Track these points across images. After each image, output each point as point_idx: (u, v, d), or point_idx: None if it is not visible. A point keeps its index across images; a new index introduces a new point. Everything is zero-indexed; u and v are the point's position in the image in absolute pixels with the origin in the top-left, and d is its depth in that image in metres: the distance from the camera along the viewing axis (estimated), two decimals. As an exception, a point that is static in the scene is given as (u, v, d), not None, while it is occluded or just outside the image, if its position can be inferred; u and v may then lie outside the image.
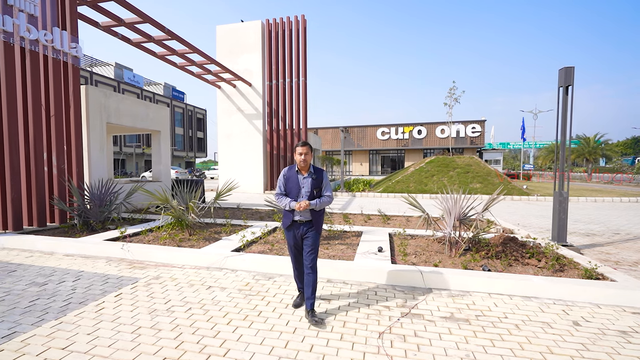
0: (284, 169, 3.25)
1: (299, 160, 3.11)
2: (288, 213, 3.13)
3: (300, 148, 3.12)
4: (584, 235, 7.17)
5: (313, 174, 3.14)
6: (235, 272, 4.41)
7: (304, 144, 3.12)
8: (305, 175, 3.15)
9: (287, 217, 3.17)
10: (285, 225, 3.20)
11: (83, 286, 3.87)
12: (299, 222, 3.13)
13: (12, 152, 6.22)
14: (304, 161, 3.10)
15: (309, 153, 3.14)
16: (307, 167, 3.17)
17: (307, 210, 3.09)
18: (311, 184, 3.10)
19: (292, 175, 3.16)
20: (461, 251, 4.78)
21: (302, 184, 3.12)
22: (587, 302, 3.51)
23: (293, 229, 3.16)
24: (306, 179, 3.13)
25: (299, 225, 3.13)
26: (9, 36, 6.12)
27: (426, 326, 2.97)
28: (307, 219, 3.12)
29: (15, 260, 4.89)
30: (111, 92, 8.90)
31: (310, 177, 3.12)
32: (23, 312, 3.19)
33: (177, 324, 2.96)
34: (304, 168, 3.16)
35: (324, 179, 3.18)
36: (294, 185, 3.12)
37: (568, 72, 5.62)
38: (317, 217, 3.13)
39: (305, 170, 3.17)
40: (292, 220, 3.12)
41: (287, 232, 3.20)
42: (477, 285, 3.79)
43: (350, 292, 3.75)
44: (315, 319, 2.95)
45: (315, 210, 3.12)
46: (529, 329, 2.94)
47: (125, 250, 5.00)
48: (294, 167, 3.21)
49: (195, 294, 3.65)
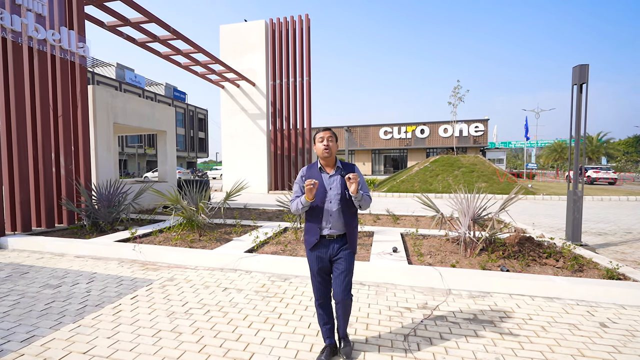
0: (302, 169, 2.50)
1: (321, 149, 2.37)
2: (312, 227, 2.40)
3: (322, 132, 2.39)
4: (596, 235, 7.10)
5: (342, 171, 2.40)
6: (249, 273, 4.36)
7: (326, 129, 2.42)
8: (332, 172, 2.40)
9: (310, 233, 2.40)
10: (309, 244, 2.41)
11: (97, 288, 3.82)
12: (329, 237, 2.38)
13: (21, 153, 6.18)
14: (328, 150, 2.36)
15: (333, 140, 2.41)
16: (333, 161, 2.43)
17: (339, 221, 2.36)
18: (341, 183, 2.36)
19: (313, 174, 2.42)
20: (477, 251, 4.73)
21: (329, 185, 2.37)
22: (611, 302, 3.45)
23: (320, 249, 2.39)
24: (334, 177, 2.39)
25: (328, 243, 2.38)
26: (17, 36, 6.08)
27: (451, 328, 2.91)
28: (339, 233, 2.38)
29: (26, 262, 4.84)
30: (117, 92, 8.86)
31: (339, 174, 2.39)
32: (40, 315, 3.14)
33: (198, 327, 2.91)
34: (328, 163, 2.42)
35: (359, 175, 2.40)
36: (318, 187, 2.35)
37: (583, 70, 5.55)
38: (351, 230, 2.41)
39: (330, 166, 2.43)
40: (319, 237, 2.38)
41: (311, 253, 2.42)
42: (497, 285, 3.73)
43: (369, 293, 3.70)
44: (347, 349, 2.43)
45: (351, 220, 2.42)
46: (556, 330, 2.88)
47: (137, 251, 4.95)
48: (315, 164, 2.47)
49: (212, 296, 3.60)
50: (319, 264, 2.40)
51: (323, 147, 2.37)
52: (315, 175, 2.41)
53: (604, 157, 36.55)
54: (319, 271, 2.42)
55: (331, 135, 2.41)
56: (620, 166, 33.37)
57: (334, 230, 2.37)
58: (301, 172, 2.49)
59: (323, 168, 2.43)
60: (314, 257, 2.41)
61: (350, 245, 2.40)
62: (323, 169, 2.43)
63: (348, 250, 2.39)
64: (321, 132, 2.41)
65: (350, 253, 2.40)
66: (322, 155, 2.39)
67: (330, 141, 2.38)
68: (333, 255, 2.38)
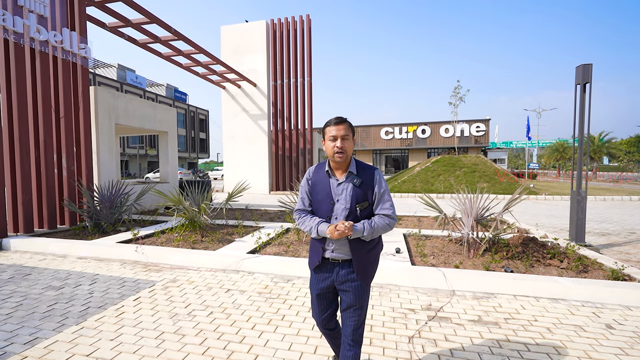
0: (309, 169, 1.99)
1: (333, 151, 1.80)
2: (315, 245, 1.91)
3: (335, 128, 1.80)
4: (599, 235, 7.07)
5: (356, 178, 1.83)
6: (252, 274, 4.34)
7: (340, 120, 1.82)
8: (342, 179, 1.85)
9: (314, 251, 1.93)
10: (311, 264, 1.95)
11: (100, 290, 3.81)
12: (332, 261, 1.88)
13: (23, 154, 6.18)
14: (341, 152, 1.79)
15: (349, 138, 1.82)
16: (347, 163, 1.86)
17: (344, 244, 1.83)
18: (352, 194, 1.81)
19: (321, 178, 1.90)
20: (481, 252, 4.70)
21: (337, 195, 1.83)
22: (617, 304, 3.42)
23: (322, 272, 1.91)
24: (343, 185, 1.83)
25: (332, 267, 1.88)
26: (19, 37, 6.08)
27: (456, 330, 2.90)
28: (345, 258, 1.84)
29: (29, 264, 4.84)
30: (119, 93, 8.86)
31: (351, 182, 1.82)
32: (42, 317, 3.13)
33: (201, 329, 2.89)
34: (340, 166, 1.86)
35: (377, 183, 1.84)
36: (324, 196, 1.86)
37: (586, 70, 5.52)
38: (362, 255, 1.83)
39: (342, 169, 1.87)
40: (320, 259, 1.89)
41: (313, 274, 1.97)
42: (501, 286, 3.71)
43: (372, 294, 3.68)
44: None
45: (360, 245, 1.82)
46: (561, 332, 2.86)
47: (139, 252, 4.94)
48: (323, 165, 1.93)
49: (215, 298, 3.58)
50: (317, 288, 1.94)
51: (336, 149, 1.79)
52: (323, 180, 1.89)
53: (605, 157, 36.44)
54: (317, 296, 1.95)
55: (347, 131, 1.81)
56: (623, 166, 33.27)
57: (338, 254, 1.84)
58: (307, 173, 2.01)
59: (332, 171, 1.89)
60: (314, 278, 1.96)
61: (361, 274, 1.83)
62: (332, 173, 1.89)
63: (356, 282, 1.83)
64: (333, 127, 1.81)
65: (360, 285, 1.84)
66: (334, 159, 1.82)
67: (345, 140, 1.80)
68: (338, 282, 1.87)
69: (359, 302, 1.85)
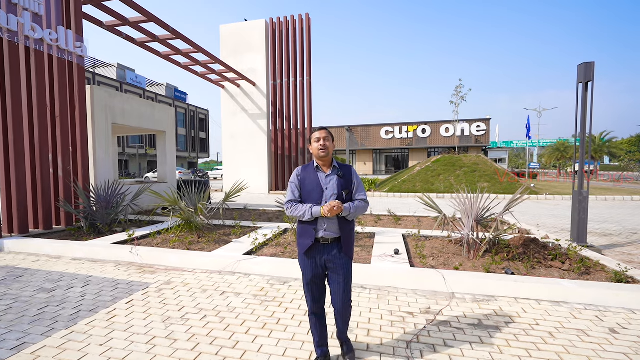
0: (297, 169, 2.44)
1: (317, 148, 2.32)
2: (307, 229, 2.29)
3: (318, 132, 2.35)
4: (601, 235, 6.99)
5: (339, 171, 2.36)
6: (248, 276, 4.27)
7: (321, 128, 2.39)
8: (329, 172, 2.35)
9: (305, 236, 2.30)
10: (303, 247, 2.31)
11: (92, 292, 3.74)
12: (323, 241, 2.28)
13: (18, 154, 6.11)
14: (324, 149, 2.31)
15: (330, 140, 2.35)
16: (330, 160, 2.38)
17: (334, 223, 2.27)
18: (338, 183, 2.31)
19: (309, 174, 2.36)
20: (481, 253, 4.62)
21: (326, 184, 2.31)
22: (620, 307, 3.34)
23: (314, 253, 2.29)
24: (330, 177, 2.33)
25: (322, 248, 2.29)
26: (14, 35, 6.01)
27: (455, 334, 2.82)
28: (334, 236, 2.28)
29: (22, 265, 4.77)
30: (116, 92, 8.78)
31: (336, 174, 2.34)
32: (32, 320, 3.06)
33: (193, 333, 2.82)
34: (325, 163, 2.37)
35: (355, 176, 2.39)
36: (314, 186, 2.31)
37: (588, 68, 5.44)
38: (347, 233, 2.32)
39: (327, 165, 2.37)
40: (313, 240, 2.27)
41: (305, 259, 2.31)
42: (502, 289, 3.63)
43: (370, 297, 3.61)
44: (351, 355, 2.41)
45: (346, 224, 2.31)
46: (564, 337, 2.78)
47: (134, 253, 4.87)
48: (310, 164, 2.42)
49: (209, 300, 3.51)
50: (313, 271, 2.31)
51: (319, 146, 2.32)
52: (311, 174, 2.36)
53: (606, 156, 36.34)
54: (313, 278, 2.32)
55: (327, 134, 2.36)
56: (624, 165, 33.16)
57: (329, 233, 2.28)
58: (296, 171, 2.43)
59: (320, 167, 2.39)
60: (307, 262, 2.31)
61: (346, 251, 2.32)
62: (320, 168, 2.39)
63: (344, 258, 2.32)
64: (317, 132, 2.37)
65: (347, 261, 2.33)
66: (319, 155, 2.34)
67: (326, 140, 2.33)
68: (328, 261, 2.30)
69: (347, 275, 2.33)
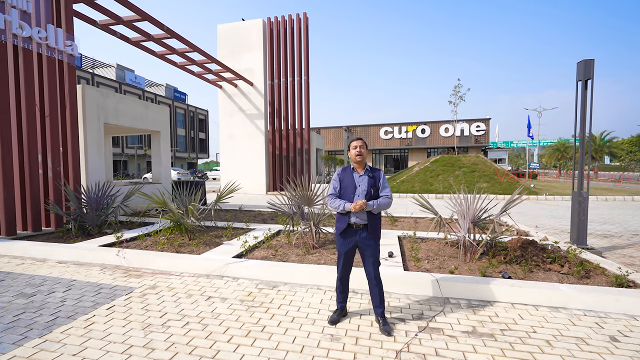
0: (338, 169, 3.10)
1: (354, 154, 2.95)
2: (342, 216, 2.96)
3: (356, 141, 3.00)
4: (601, 237, 6.84)
5: (370, 172, 2.98)
6: (236, 280, 4.13)
7: (359, 138, 3.02)
8: (362, 173, 2.99)
9: (341, 221, 3.00)
10: (339, 230, 3.00)
11: (73, 297, 3.61)
12: (355, 226, 2.92)
13: (5, 154, 5.97)
14: (360, 155, 2.93)
15: (364, 147, 2.99)
16: (364, 163, 3.02)
17: (363, 212, 2.89)
18: (368, 182, 2.93)
19: (347, 174, 3.03)
20: (477, 256, 4.49)
21: (358, 183, 2.96)
22: (622, 313, 3.20)
23: (348, 235, 2.96)
24: (362, 177, 2.97)
25: (355, 231, 2.93)
26: (1, 33, 5.88)
27: (447, 343, 2.68)
28: (363, 222, 2.91)
29: (4, 269, 4.63)
30: (109, 92, 8.65)
31: (367, 175, 2.97)
32: (5, 328, 2.92)
33: (172, 342, 2.68)
34: (360, 165, 3.00)
35: (381, 177, 3.01)
36: (349, 184, 2.97)
37: (587, 65, 5.30)
38: (374, 222, 2.92)
39: (361, 167, 3.01)
40: (347, 224, 2.93)
41: (340, 238, 3.00)
42: (498, 294, 3.49)
43: (361, 302, 3.47)
44: (387, 327, 2.84)
45: (372, 214, 2.91)
46: (562, 345, 2.64)
47: (120, 256, 4.73)
48: (348, 167, 3.08)
49: (194, 306, 3.37)
50: (346, 247, 2.97)
51: (356, 152, 2.96)
52: (348, 174, 3.03)
53: (607, 156, 36.18)
54: (346, 253, 2.99)
55: (363, 143, 3.01)
56: (624, 165, 32.99)
57: (359, 220, 2.90)
58: (337, 171, 3.13)
59: (355, 169, 3.03)
60: (342, 241, 3.00)
61: (373, 235, 2.91)
62: (355, 170, 3.03)
63: (371, 240, 2.91)
64: (355, 141, 3.01)
65: (374, 242, 2.93)
66: (355, 160, 2.98)
67: (362, 148, 2.98)
68: (360, 241, 2.93)
69: (376, 255, 2.96)
